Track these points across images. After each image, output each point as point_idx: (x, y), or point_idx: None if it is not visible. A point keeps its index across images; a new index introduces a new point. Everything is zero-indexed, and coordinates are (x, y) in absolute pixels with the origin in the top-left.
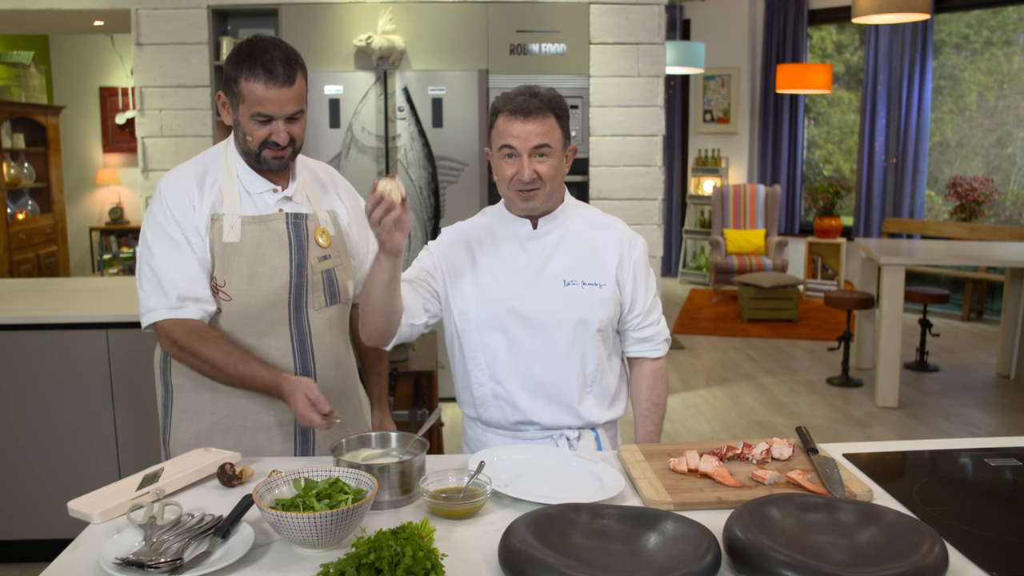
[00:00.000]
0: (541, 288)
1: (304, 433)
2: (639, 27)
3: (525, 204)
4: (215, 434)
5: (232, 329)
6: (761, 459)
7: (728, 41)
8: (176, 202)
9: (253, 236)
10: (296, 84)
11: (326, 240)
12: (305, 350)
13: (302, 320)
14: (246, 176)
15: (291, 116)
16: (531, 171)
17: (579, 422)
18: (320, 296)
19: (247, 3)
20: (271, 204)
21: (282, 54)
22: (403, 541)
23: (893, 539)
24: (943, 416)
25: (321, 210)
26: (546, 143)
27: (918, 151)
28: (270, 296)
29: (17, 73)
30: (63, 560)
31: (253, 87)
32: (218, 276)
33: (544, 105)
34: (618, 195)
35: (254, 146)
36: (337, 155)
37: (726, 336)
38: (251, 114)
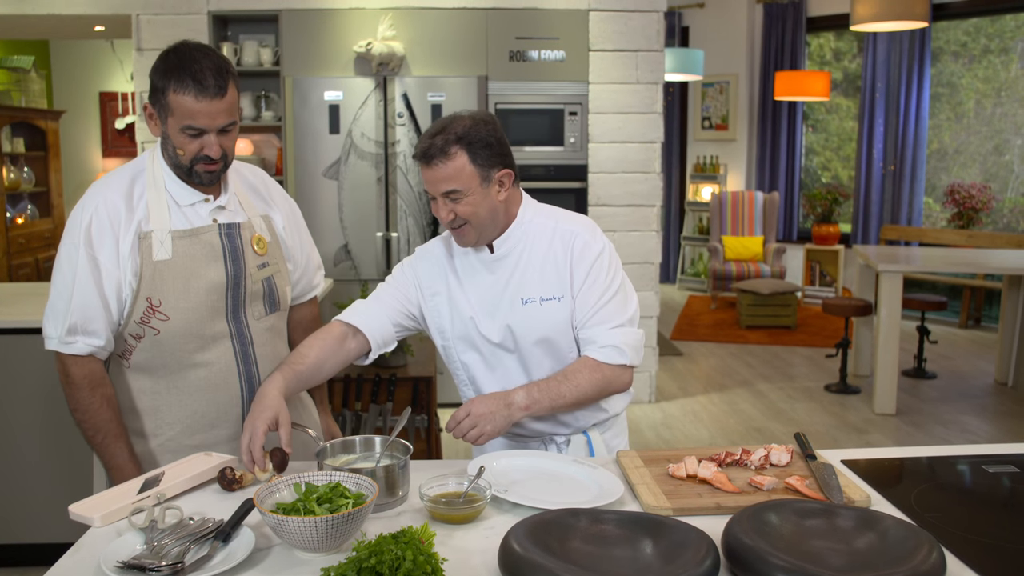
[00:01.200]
0: (502, 311)
1: None
2: (638, 34)
3: (461, 242)
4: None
5: (173, 348)
6: (759, 465)
7: (727, 48)
8: (98, 225)
9: (185, 251)
10: (228, 95)
11: (262, 247)
12: (249, 361)
13: (243, 331)
14: (175, 188)
15: (223, 128)
16: (447, 212)
17: (567, 429)
18: (260, 305)
19: (247, 9)
20: (203, 215)
21: (212, 64)
22: (403, 545)
23: (891, 545)
24: (941, 423)
25: (256, 216)
26: (453, 188)
27: (916, 158)
28: (208, 311)
29: (17, 78)
30: (64, 564)
31: (183, 100)
32: (153, 297)
33: (451, 143)
34: (617, 201)
35: (185, 160)
36: (336, 161)
37: (724, 343)
38: (181, 127)
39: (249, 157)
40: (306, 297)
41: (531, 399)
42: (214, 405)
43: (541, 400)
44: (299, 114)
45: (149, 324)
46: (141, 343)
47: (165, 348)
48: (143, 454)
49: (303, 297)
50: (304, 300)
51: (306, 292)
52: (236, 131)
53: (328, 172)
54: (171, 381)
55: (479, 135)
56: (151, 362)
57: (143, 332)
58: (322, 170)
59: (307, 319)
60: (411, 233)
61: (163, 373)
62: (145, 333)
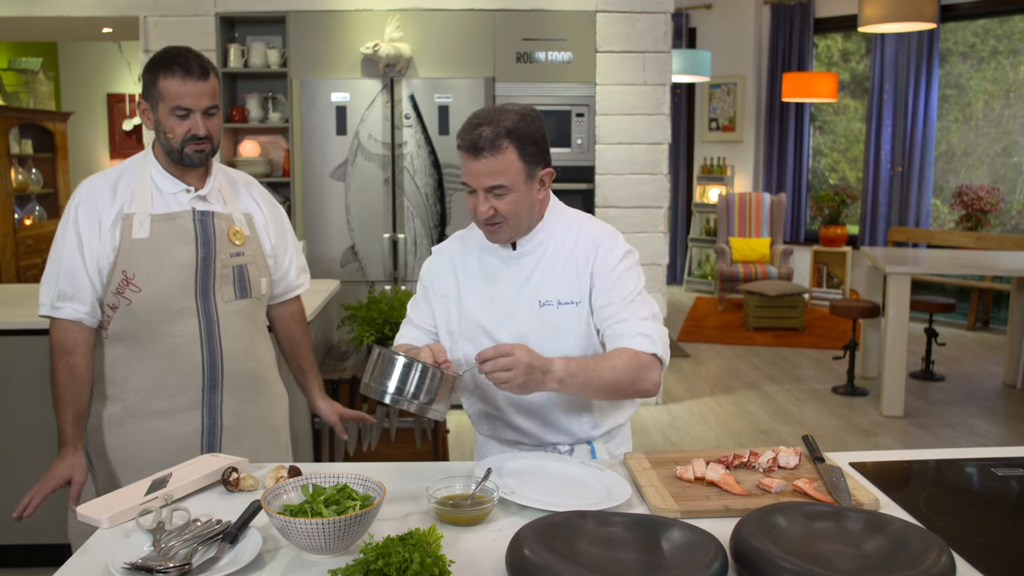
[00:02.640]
0: (518, 313)
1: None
2: (645, 35)
3: (492, 238)
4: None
5: (143, 318)
6: (767, 467)
7: (734, 49)
8: (85, 206)
9: (161, 232)
10: (210, 80)
11: (240, 239)
12: (213, 339)
13: (210, 310)
14: (160, 178)
15: (207, 110)
16: (487, 207)
17: (571, 439)
18: (229, 289)
19: (255, 11)
20: (184, 203)
21: (195, 55)
22: (411, 547)
23: (900, 548)
24: (949, 425)
25: (236, 212)
26: (499, 184)
27: (924, 160)
28: (177, 287)
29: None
30: (72, 565)
31: (171, 83)
32: (128, 270)
33: (501, 136)
34: (624, 203)
35: (176, 143)
36: (344, 162)
37: (731, 344)
38: (171, 109)
39: (256, 159)
40: (289, 295)
41: (567, 372)
42: (176, 375)
43: (577, 376)
44: (306, 115)
45: (123, 294)
46: (117, 312)
47: (136, 318)
48: (110, 416)
49: (286, 295)
50: (287, 298)
51: (288, 291)
52: (219, 118)
53: (335, 173)
54: (140, 350)
55: (528, 130)
56: (124, 331)
57: (118, 302)
58: (329, 171)
59: (291, 314)
60: (418, 235)
61: (133, 342)
62: (119, 303)
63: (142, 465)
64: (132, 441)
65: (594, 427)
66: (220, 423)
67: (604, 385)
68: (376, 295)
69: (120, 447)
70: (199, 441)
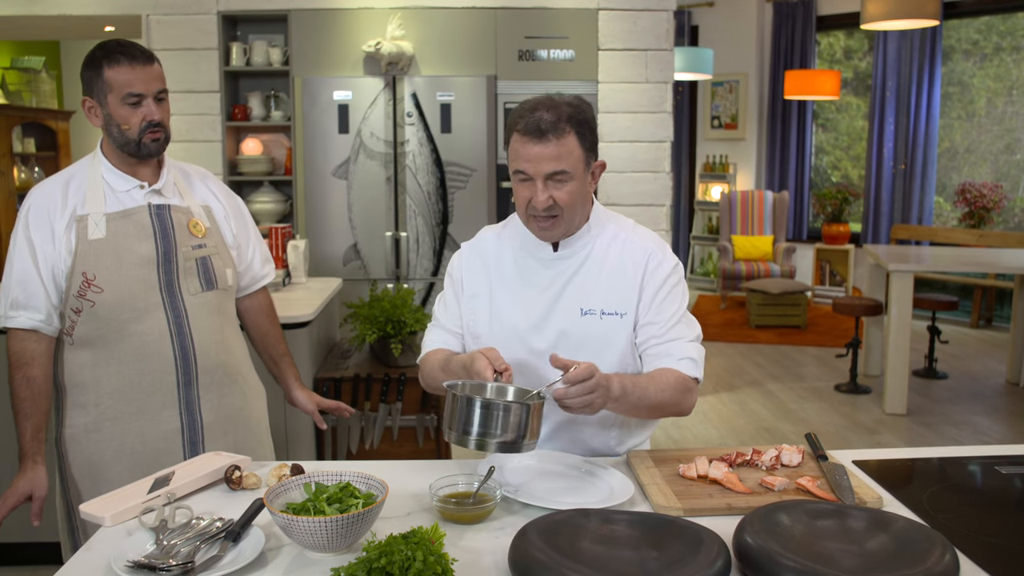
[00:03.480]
0: (556, 320)
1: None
2: (647, 33)
3: (543, 235)
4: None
5: (109, 318)
6: (771, 465)
7: (736, 47)
8: (35, 212)
9: (117, 230)
10: (155, 65)
11: (199, 231)
12: (183, 332)
13: (177, 304)
14: (112, 177)
15: (158, 95)
16: (546, 197)
17: (592, 455)
18: (194, 281)
19: (257, 9)
20: (138, 199)
21: (135, 44)
22: (413, 546)
23: (903, 546)
24: (952, 423)
25: (194, 204)
26: (562, 169)
27: (927, 157)
28: (140, 283)
29: (28, 78)
30: (75, 563)
31: (118, 72)
32: (88, 272)
33: (563, 120)
34: (626, 201)
35: (133, 134)
36: (346, 160)
37: (733, 342)
38: (122, 97)
39: (259, 157)
40: (255, 286)
41: (622, 391)
42: (148, 373)
43: (629, 396)
44: (308, 114)
45: (85, 297)
46: (81, 316)
47: (102, 319)
48: (87, 425)
49: (252, 286)
50: (253, 289)
51: (255, 282)
52: (168, 104)
53: (337, 172)
54: (109, 352)
55: (585, 116)
56: (91, 334)
57: (81, 306)
58: (331, 169)
59: (258, 305)
60: (420, 233)
61: (101, 345)
62: (82, 306)
63: (124, 469)
64: (112, 446)
65: (619, 443)
66: (200, 420)
67: (651, 406)
68: (378, 293)
69: (100, 453)
70: (180, 440)
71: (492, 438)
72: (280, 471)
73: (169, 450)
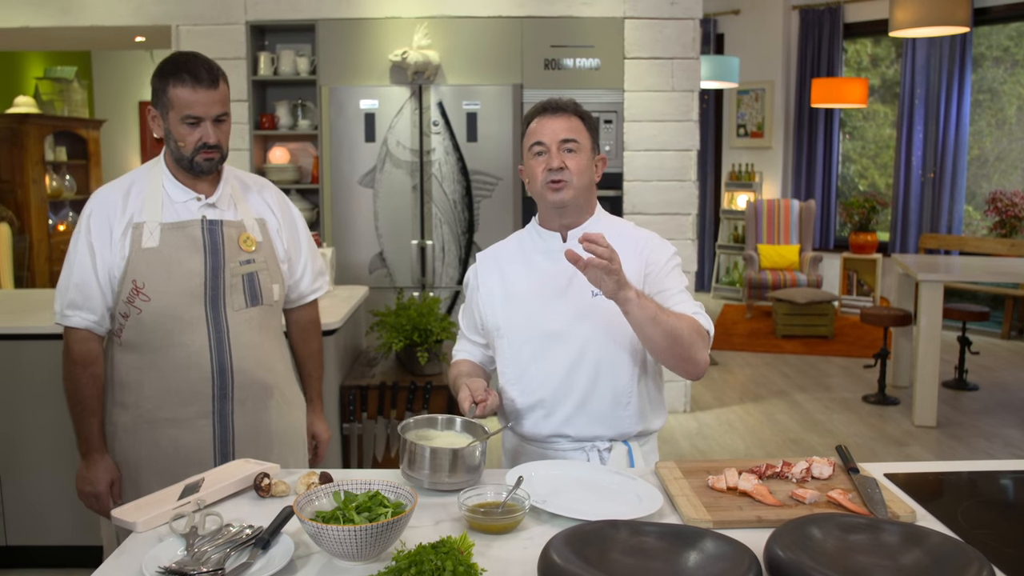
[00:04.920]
0: (568, 301)
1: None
2: (673, 41)
3: (555, 196)
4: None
5: (154, 327)
6: (801, 478)
7: (762, 55)
8: (96, 216)
9: (170, 241)
10: (220, 88)
11: (250, 245)
12: (222, 348)
13: (219, 320)
14: (171, 187)
15: (218, 118)
16: (560, 160)
17: (611, 433)
18: (239, 297)
19: (285, 19)
20: (193, 211)
21: (204, 62)
22: (443, 555)
23: (938, 562)
24: (983, 436)
25: (248, 217)
26: (573, 138)
27: (956, 165)
28: (186, 296)
29: (60, 88)
30: (107, 568)
31: (181, 92)
32: (138, 279)
33: (570, 107)
34: (652, 210)
35: (187, 151)
36: (372, 169)
37: (760, 352)
38: (181, 117)
39: (286, 165)
40: (306, 299)
41: (639, 293)
42: (186, 383)
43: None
44: (335, 122)
45: (133, 304)
46: (128, 321)
47: (147, 327)
48: (125, 424)
49: (303, 299)
50: (303, 303)
51: (305, 295)
52: (229, 125)
53: (364, 180)
54: (152, 358)
55: (589, 115)
56: (137, 339)
57: (129, 311)
58: (358, 178)
59: (304, 320)
60: (446, 241)
61: (146, 350)
62: (130, 312)
63: (155, 472)
64: (145, 448)
65: (635, 423)
66: (232, 432)
67: (668, 330)
68: (404, 301)
69: (135, 453)
70: (211, 450)
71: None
72: (309, 479)
73: (200, 459)
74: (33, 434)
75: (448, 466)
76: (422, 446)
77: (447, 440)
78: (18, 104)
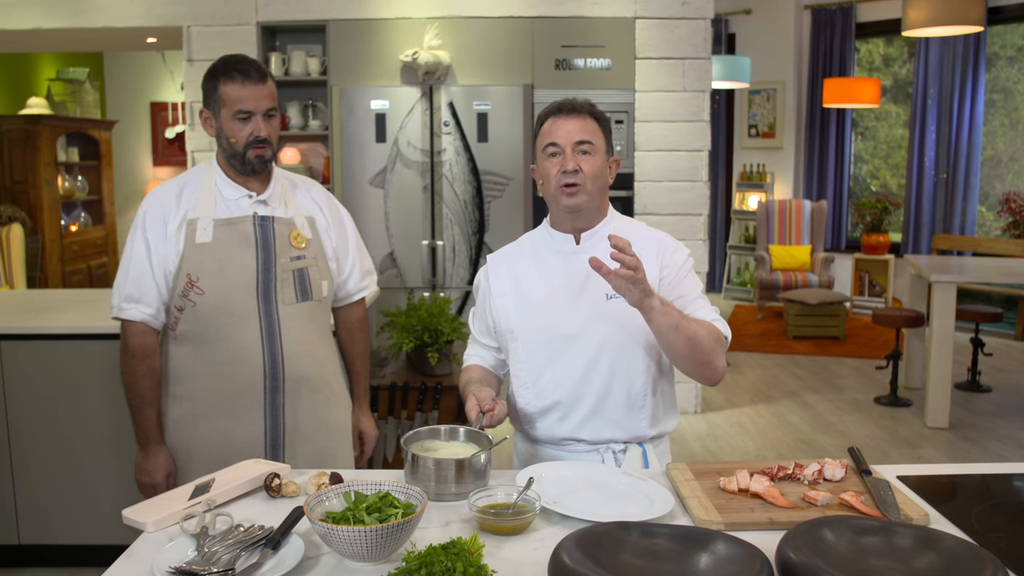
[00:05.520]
0: (583, 304)
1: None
2: (685, 42)
3: (569, 201)
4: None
5: (207, 320)
6: (813, 480)
7: (774, 55)
8: (151, 214)
9: (223, 236)
10: (268, 84)
11: (300, 242)
12: (274, 340)
13: (271, 313)
14: (224, 185)
15: (267, 112)
16: (574, 163)
17: (625, 435)
18: (290, 292)
19: (295, 20)
20: (245, 208)
21: (252, 61)
22: (453, 557)
23: (952, 565)
24: (996, 438)
25: (298, 215)
26: (588, 139)
27: (969, 166)
28: (239, 290)
29: (73, 89)
30: (118, 567)
31: (231, 88)
32: (192, 273)
33: (585, 108)
34: (663, 210)
35: (239, 147)
36: (383, 169)
37: (771, 353)
38: (232, 113)
39: (296, 166)
40: (354, 298)
41: (663, 301)
42: (238, 376)
43: (670, 312)
44: (346, 123)
45: (188, 297)
46: (183, 315)
47: (201, 320)
48: (180, 416)
49: (351, 298)
50: (352, 301)
51: (353, 293)
52: (278, 121)
53: (374, 180)
54: (205, 351)
55: (604, 115)
56: (191, 333)
57: (183, 304)
58: (368, 178)
59: (353, 319)
60: (456, 241)
61: (200, 343)
62: (185, 305)
63: (207, 464)
64: (199, 440)
65: (650, 425)
66: (283, 425)
67: (689, 337)
68: (415, 302)
69: (188, 444)
70: (262, 442)
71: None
72: (319, 479)
73: (251, 451)
74: (45, 433)
75: (453, 476)
76: (426, 457)
77: (451, 451)
78: (31, 105)
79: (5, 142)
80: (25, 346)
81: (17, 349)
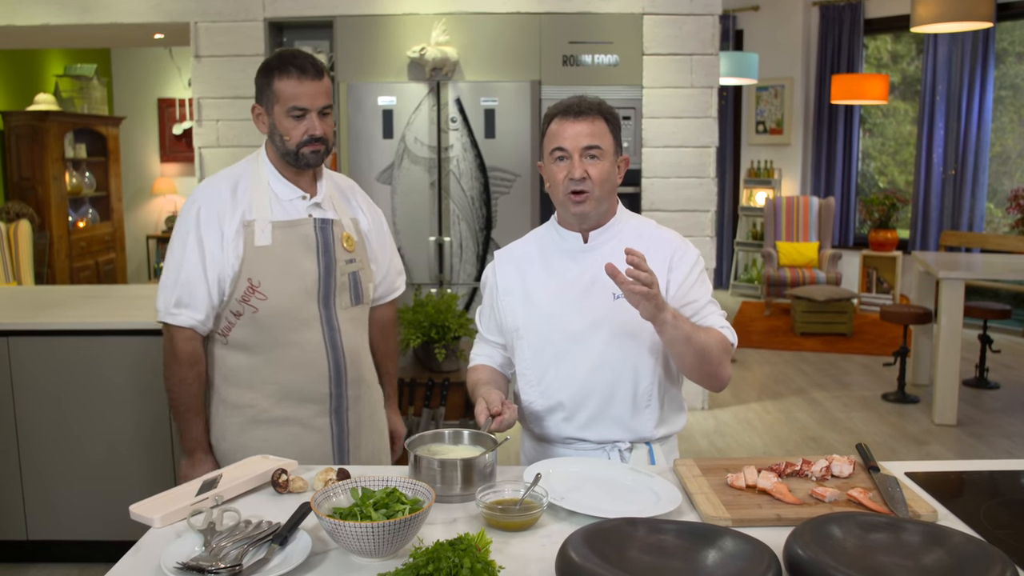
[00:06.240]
0: (590, 303)
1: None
2: (692, 38)
3: (577, 208)
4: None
5: (270, 325)
6: (821, 476)
7: (782, 51)
8: (206, 212)
9: (283, 239)
10: (324, 80)
11: (350, 244)
12: (336, 346)
13: (332, 318)
14: (277, 184)
15: (323, 110)
16: (582, 170)
17: (631, 436)
18: (347, 296)
19: (303, 16)
20: (300, 210)
21: (308, 56)
22: (461, 552)
23: (961, 562)
24: (1005, 435)
25: (345, 217)
26: (596, 144)
27: (978, 162)
28: (302, 295)
29: (80, 85)
30: (125, 563)
31: (287, 84)
32: (253, 277)
33: (594, 108)
34: (670, 207)
35: (293, 144)
36: (390, 165)
37: (778, 350)
38: (287, 110)
39: None
40: (388, 298)
41: (676, 315)
42: (303, 383)
43: (682, 324)
44: (353, 119)
45: (248, 302)
46: (241, 320)
47: (262, 325)
48: (236, 424)
49: (385, 298)
50: (385, 301)
51: (388, 293)
52: (332, 119)
53: (381, 177)
54: (266, 357)
55: (613, 113)
56: (249, 338)
57: (243, 310)
58: (375, 175)
59: (385, 319)
60: (464, 238)
61: (259, 350)
62: (244, 311)
63: None
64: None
65: (656, 426)
66: (347, 427)
67: (699, 348)
68: (422, 298)
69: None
70: (330, 446)
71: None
72: (326, 475)
73: (320, 456)
74: (53, 430)
75: (459, 478)
76: (430, 459)
77: (456, 454)
78: (39, 102)
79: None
80: (33, 342)
81: (25, 345)
